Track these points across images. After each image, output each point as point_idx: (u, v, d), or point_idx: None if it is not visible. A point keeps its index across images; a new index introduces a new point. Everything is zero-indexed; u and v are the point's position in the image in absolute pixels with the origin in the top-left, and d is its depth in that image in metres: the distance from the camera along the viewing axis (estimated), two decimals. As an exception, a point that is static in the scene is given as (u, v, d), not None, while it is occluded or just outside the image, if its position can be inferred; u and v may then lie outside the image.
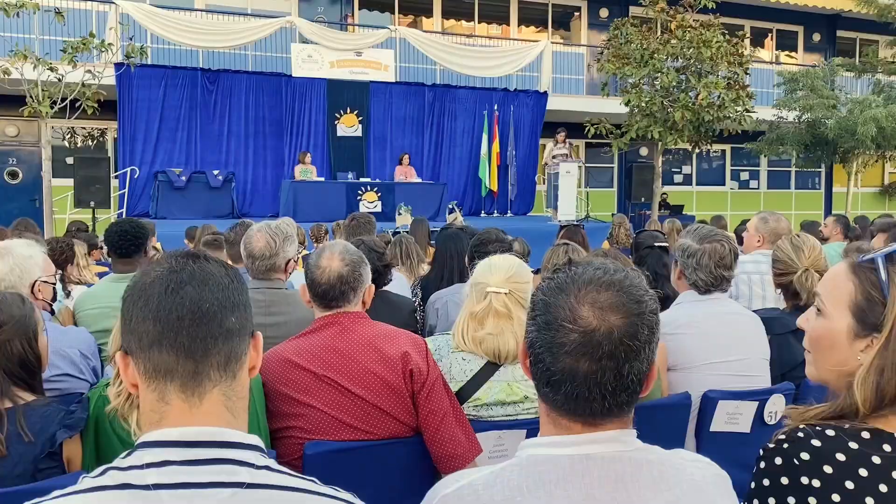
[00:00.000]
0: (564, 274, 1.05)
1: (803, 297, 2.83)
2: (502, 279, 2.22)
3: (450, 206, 11.78)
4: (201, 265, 1.04)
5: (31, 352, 1.92)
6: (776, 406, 2.56)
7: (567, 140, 13.44)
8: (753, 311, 2.83)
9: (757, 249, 3.76)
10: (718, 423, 2.50)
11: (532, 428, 2.05)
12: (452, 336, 2.27)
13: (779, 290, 2.92)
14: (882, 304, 1.13)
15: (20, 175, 13.18)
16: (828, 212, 19.18)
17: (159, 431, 0.97)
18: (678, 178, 18.25)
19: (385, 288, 3.34)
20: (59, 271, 4.05)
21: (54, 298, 2.74)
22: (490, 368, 2.18)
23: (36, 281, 2.57)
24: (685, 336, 2.54)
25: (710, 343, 2.54)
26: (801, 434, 1.11)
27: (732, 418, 2.51)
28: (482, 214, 14.66)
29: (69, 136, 13.39)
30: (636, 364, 1.02)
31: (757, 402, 2.52)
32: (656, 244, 3.33)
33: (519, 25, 16.93)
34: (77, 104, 9.76)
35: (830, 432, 1.11)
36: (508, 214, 14.82)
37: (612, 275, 1.04)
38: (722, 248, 2.63)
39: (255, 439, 1.00)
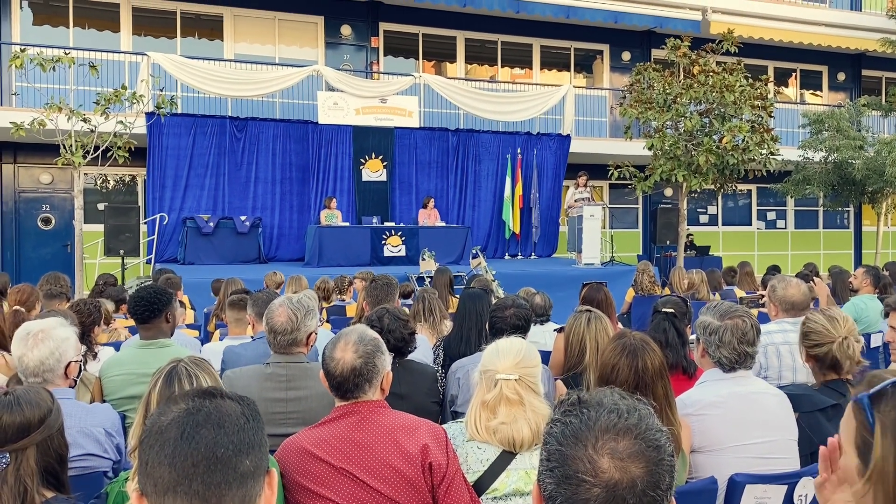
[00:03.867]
0: (578, 419, 1.04)
1: (845, 366, 2.73)
2: (511, 365, 2.21)
3: (473, 252, 11.78)
4: (217, 405, 1.05)
5: (65, 445, 1.92)
6: (806, 490, 2.49)
7: (588, 183, 13.45)
8: (781, 387, 2.77)
9: (777, 319, 3.70)
10: (746, 508, 2.44)
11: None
12: (465, 425, 2.25)
13: (807, 365, 2.85)
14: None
15: (53, 221, 13.48)
16: (857, 251, 18.87)
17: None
18: (704, 218, 18.09)
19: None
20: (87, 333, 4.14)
21: (78, 373, 2.78)
22: (506, 457, 2.16)
23: (70, 362, 2.62)
24: (710, 417, 2.50)
25: (736, 424, 2.49)
26: None
27: (761, 502, 2.45)
28: (506, 257, 14.68)
29: (101, 181, 13.70)
30: None
31: (786, 486, 2.46)
32: (663, 309, 3.30)
33: (541, 68, 17.10)
34: (108, 153, 10.01)
35: None
36: (532, 257, 14.82)
37: (627, 419, 1.03)
38: (744, 323, 2.59)
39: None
